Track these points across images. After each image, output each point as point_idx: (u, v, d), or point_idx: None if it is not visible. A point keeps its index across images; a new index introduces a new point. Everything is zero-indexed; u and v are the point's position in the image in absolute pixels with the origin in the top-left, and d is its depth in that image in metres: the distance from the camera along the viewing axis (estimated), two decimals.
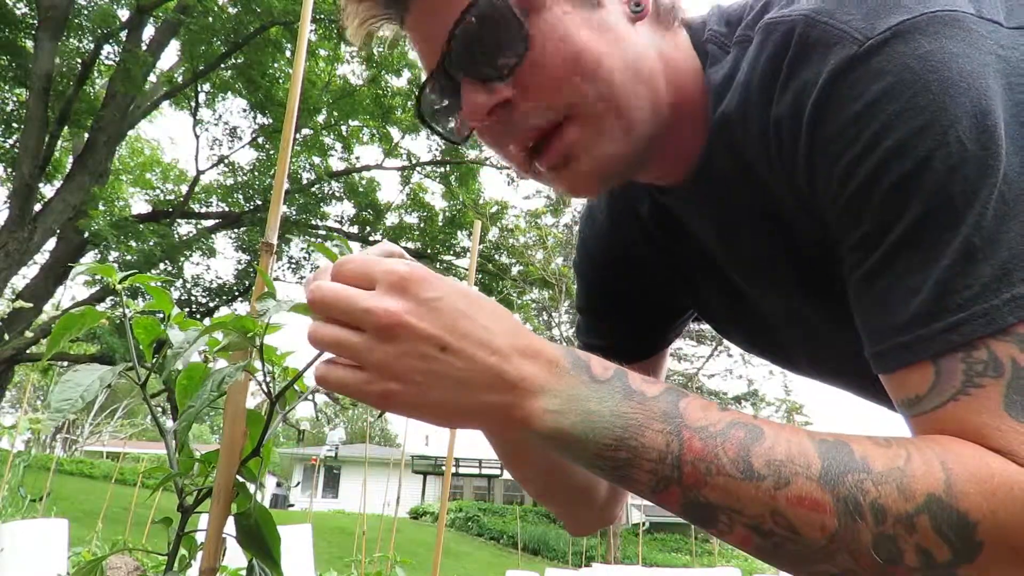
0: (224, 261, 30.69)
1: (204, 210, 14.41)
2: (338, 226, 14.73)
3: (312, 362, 0.61)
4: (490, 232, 15.46)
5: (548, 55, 0.55)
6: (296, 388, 0.69)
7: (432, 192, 15.42)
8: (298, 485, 30.15)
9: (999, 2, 0.50)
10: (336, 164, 14.60)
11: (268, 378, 0.66)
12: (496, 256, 15.82)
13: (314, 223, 14.37)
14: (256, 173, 14.27)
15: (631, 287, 0.82)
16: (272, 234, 0.78)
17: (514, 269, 16.17)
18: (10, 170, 11.80)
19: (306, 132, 13.46)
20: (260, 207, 13.36)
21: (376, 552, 4.65)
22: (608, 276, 0.84)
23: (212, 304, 13.68)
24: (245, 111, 13.86)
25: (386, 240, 0.64)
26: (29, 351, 10.09)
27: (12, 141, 12.08)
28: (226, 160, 14.34)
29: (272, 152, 13.91)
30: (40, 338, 8.91)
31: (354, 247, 0.68)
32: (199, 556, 0.67)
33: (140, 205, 17.59)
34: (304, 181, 13.93)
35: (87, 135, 11.41)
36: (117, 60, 11.07)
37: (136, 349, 0.71)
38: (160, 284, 0.73)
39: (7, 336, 9.60)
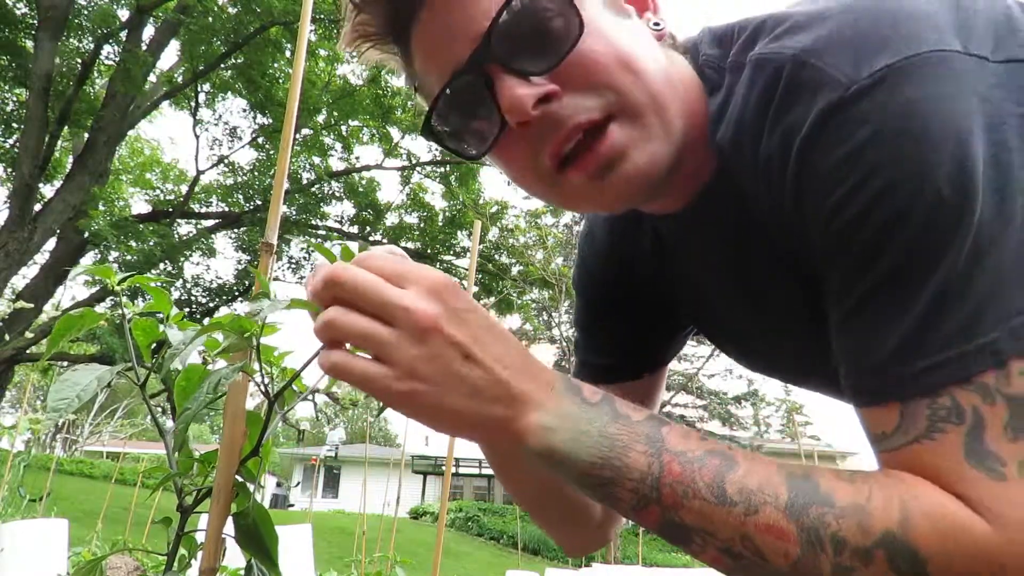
0: (224, 261, 30.71)
1: (204, 210, 14.40)
2: (338, 226, 14.71)
3: (309, 361, 0.61)
4: (490, 232, 15.46)
5: (595, 46, 0.55)
6: (295, 388, 0.69)
7: (432, 192, 15.42)
8: (298, 485, 30.16)
9: (988, 33, 0.50)
10: (336, 164, 14.60)
11: (266, 378, 0.66)
12: (496, 256, 15.82)
13: (314, 223, 14.35)
14: (256, 173, 14.27)
15: (630, 303, 0.83)
16: (272, 234, 0.78)
17: (514, 269, 16.17)
18: (10, 170, 11.79)
19: (306, 132, 13.46)
20: (260, 207, 13.35)
21: (376, 552, 4.65)
22: (607, 293, 0.84)
23: (212, 304, 13.67)
24: (245, 111, 13.86)
25: (386, 241, 0.64)
26: (29, 351, 10.09)
27: (12, 141, 12.08)
28: (226, 160, 14.34)
29: (272, 152, 13.91)
30: (40, 338, 8.90)
31: (352, 247, 0.68)
32: (199, 556, 0.67)
33: (140, 205, 17.60)
34: (304, 181, 13.91)
35: (87, 135, 11.40)
36: (117, 60, 11.07)
37: (135, 349, 0.71)
38: (159, 284, 0.73)
39: (7, 336, 9.60)
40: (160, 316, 0.74)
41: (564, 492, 0.74)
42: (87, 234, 10.44)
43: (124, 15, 10.97)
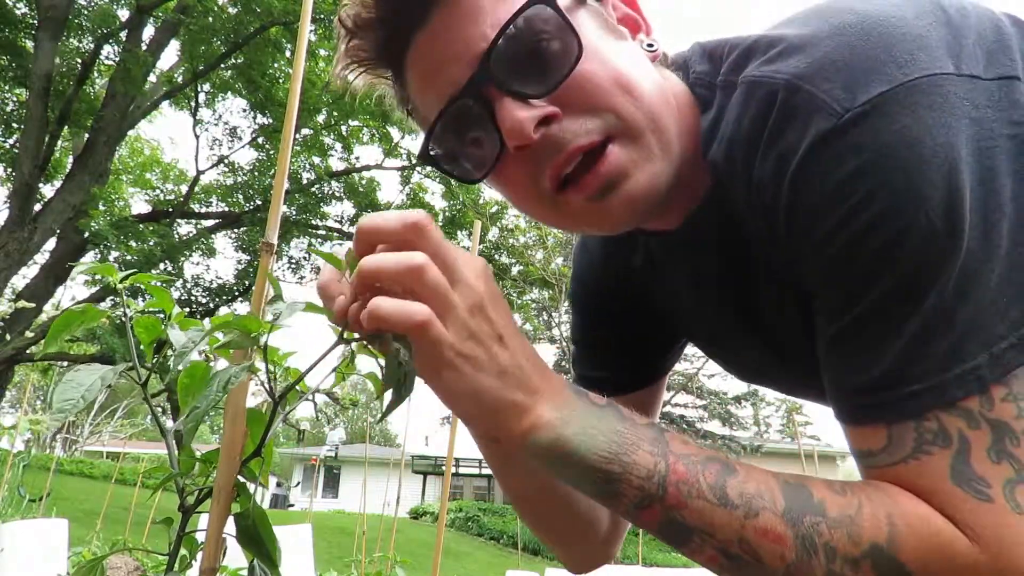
0: (224, 261, 30.72)
1: (204, 210, 14.41)
2: (338, 226, 14.72)
3: (316, 363, 0.60)
4: (490, 232, 15.47)
5: (593, 68, 0.55)
6: (297, 388, 0.69)
7: (432, 192, 15.42)
8: (298, 485, 30.18)
9: (979, 50, 0.50)
10: (336, 164, 14.61)
11: (270, 378, 0.66)
12: (496, 256, 15.83)
13: (314, 223, 14.36)
14: (256, 173, 14.27)
15: (625, 316, 0.83)
16: (272, 234, 0.78)
17: (514, 269, 16.19)
18: (10, 170, 11.80)
19: (306, 132, 13.46)
20: (260, 207, 13.36)
21: (376, 552, 4.65)
22: (602, 306, 0.84)
23: (212, 304, 13.67)
24: (245, 111, 13.87)
25: None
26: (29, 351, 10.09)
27: (12, 141, 12.08)
28: (226, 160, 14.35)
29: (272, 152, 13.92)
30: (40, 338, 8.90)
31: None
32: (199, 556, 0.67)
33: (140, 205, 17.62)
34: (304, 181, 13.92)
35: (87, 135, 11.41)
36: (117, 60, 11.08)
37: (136, 349, 0.71)
38: (160, 284, 0.73)
39: (8, 336, 9.60)
40: (161, 315, 0.74)
41: (568, 504, 0.73)
42: (87, 234, 10.45)
43: (124, 15, 10.98)
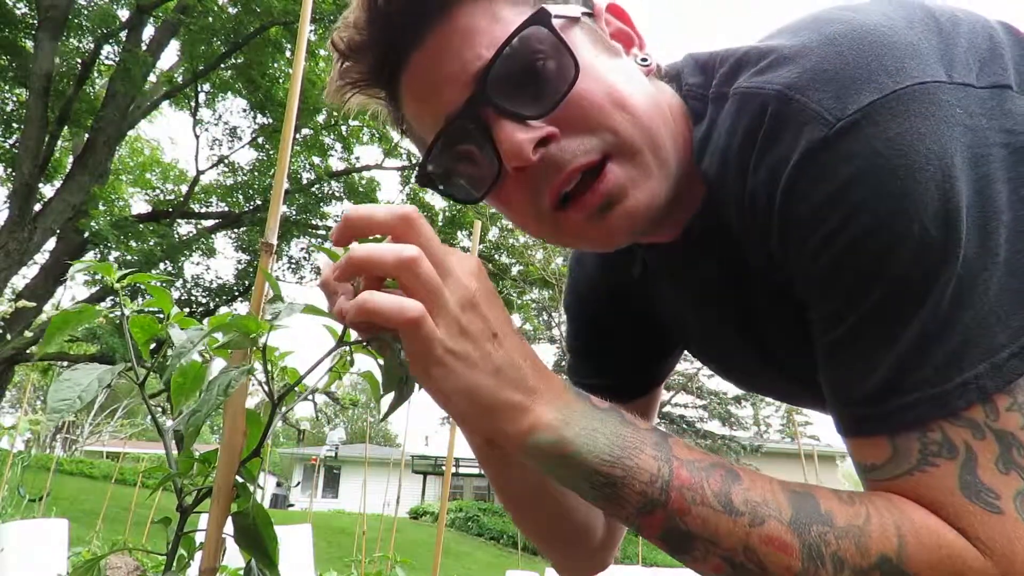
0: (224, 261, 30.68)
1: (204, 210, 14.40)
2: None
3: (315, 366, 0.60)
4: (490, 232, 15.45)
5: (590, 87, 0.55)
6: (296, 388, 0.69)
7: (432, 192, 15.35)
8: (298, 485, 30.16)
9: (971, 58, 0.50)
10: (336, 164, 14.60)
11: (268, 379, 0.66)
12: (496, 256, 15.82)
13: (314, 223, 14.35)
14: (256, 173, 14.26)
15: (621, 325, 0.83)
16: (272, 234, 0.78)
17: (514, 269, 16.17)
18: (10, 170, 11.79)
19: (306, 132, 13.45)
20: (260, 207, 13.35)
21: (376, 552, 4.65)
22: (598, 314, 0.84)
23: (212, 304, 13.67)
24: (245, 111, 13.86)
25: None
26: (29, 351, 10.09)
27: (12, 141, 12.07)
28: (226, 160, 14.34)
29: (272, 152, 13.91)
30: (40, 338, 8.90)
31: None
32: (198, 556, 0.67)
33: (140, 205, 17.60)
34: (304, 181, 13.91)
35: (87, 135, 11.40)
36: (117, 60, 11.06)
37: (135, 348, 0.71)
38: (160, 283, 0.73)
39: (8, 336, 9.60)
40: (160, 314, 0.74)
41: (563, 508, 0.72)
42: (87, 234, 10.44)
43: (124, 15, 10.97)
